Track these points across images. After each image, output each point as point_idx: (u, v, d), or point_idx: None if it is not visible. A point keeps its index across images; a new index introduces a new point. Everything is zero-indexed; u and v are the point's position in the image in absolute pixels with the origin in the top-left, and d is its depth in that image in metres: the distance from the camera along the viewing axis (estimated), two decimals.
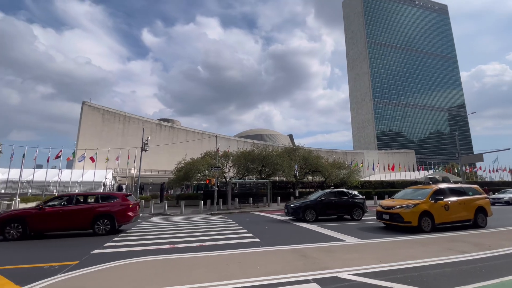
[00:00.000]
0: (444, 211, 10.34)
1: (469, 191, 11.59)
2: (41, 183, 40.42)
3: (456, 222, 10.77)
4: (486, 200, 11.53)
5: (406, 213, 10.04)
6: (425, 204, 10.19)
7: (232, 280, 4.85)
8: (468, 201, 11.03)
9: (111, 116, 69.17)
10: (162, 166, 56.41)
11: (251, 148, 30.68)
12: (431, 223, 10.10)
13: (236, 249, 7.55)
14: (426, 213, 10.09)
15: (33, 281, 4.90)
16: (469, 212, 10.91)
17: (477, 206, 11.07)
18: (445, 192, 10.85)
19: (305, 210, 13.77)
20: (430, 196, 10.47)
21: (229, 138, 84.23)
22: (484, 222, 11.09)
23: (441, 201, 10.38)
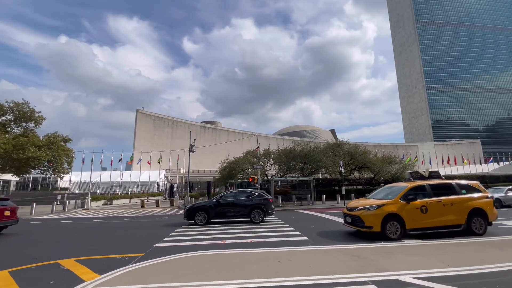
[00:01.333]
0: (420, 214, 8.32)
1: (462, 189, 9.12)
2: (107, 183, 46.19)
3: (439, 227, 8.50)
4: (487, 201, 9.00)
5: (367, 216, 8.35)
6: (393, 205, 8.35)
7: (285, 278, 4.87)
8: (457, 201, 8.69)
9: (161, 121, 75.27)
10: (207, 165, 59.43)
11: (291, 146, 30.33)
12: (400, 228, 8.21)
13: (285, 246, 7.56)
14: (394, 216, 8.23)
15: (109, 270, 5.60)
16: (459, 215, 8.57)
17: (472, 208, 8.65)
18: (425, 191, 8.82)
19: (195, 213, 12.63)
20: (401, 195, 8.57)
21: (269, 136, 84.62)
22: (482, 229, 8.62)
23: (416, 202, 8.40)
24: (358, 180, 32.37)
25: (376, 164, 29.53)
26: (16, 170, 27.74)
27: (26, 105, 29.19)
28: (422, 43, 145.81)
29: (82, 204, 26.20)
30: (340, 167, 25.11)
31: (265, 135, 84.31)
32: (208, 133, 78.62)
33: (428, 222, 8.41)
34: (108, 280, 4.97)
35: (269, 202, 13.45)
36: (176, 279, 4.92)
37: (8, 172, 29.18)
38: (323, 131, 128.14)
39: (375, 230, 8.20)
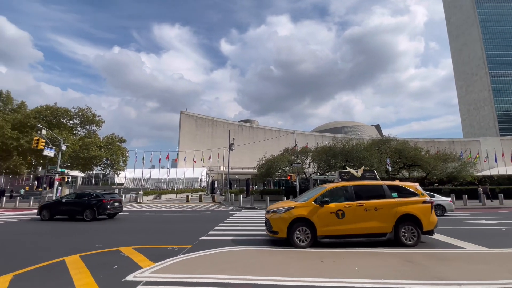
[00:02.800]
0: (335, 220, 7.26)
1: (393, 191, 7.73)
2: (156, 179, 50.28)
3: (358, 235, 7.38)
4: (423, 206, 7.54)
5: (274, 220, 7.49)
6: (303, 209, 7.39)
7: (329, 278, 4.75)
8: (383, 205, 7.41)
9: (202, 121, 79.06)
10: (245, 163, 60.66)
11: (331, 143, 29.21)
12: (311, 235, 7.22)
13: (326, 247, 7.35)
14: (303, 220, 7.28)
15: (162, 259, 6.12)
16: (385, 222, 7.34)
17: (402, 214, 7.37)
18: (347, 193, 7.66)
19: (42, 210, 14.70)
20: (315, 197, 7.56)
21: (306, 133, 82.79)
22: (414, 239, 7.31)
23: (330, 205, 7.35)
24: (407, 179, 29.80)
25: (429, 162, 26.80)
26: (82, 167, 31.86)
27: (89, 110, 33.36)
28: (484, 24, 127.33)
29: (136, 198, 29.03)
30: (387, 165, 23.42)
31: (303, 132, 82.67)
32: (246, 132, 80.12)
33: (344, 228, 7.26)
34: (161, 268, 5.44)
35: (102, 203, 14.05)
36: (222, 271, 5.16)
37: (76, 169, 33.68)
38: (366, 126, 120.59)
39: (281, 236, 7.31)
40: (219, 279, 4.73)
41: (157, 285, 4.47)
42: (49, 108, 32.01)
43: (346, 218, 7.21)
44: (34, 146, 22.58)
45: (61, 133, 28.93)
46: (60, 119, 32.23)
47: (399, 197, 7.55)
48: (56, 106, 32.43)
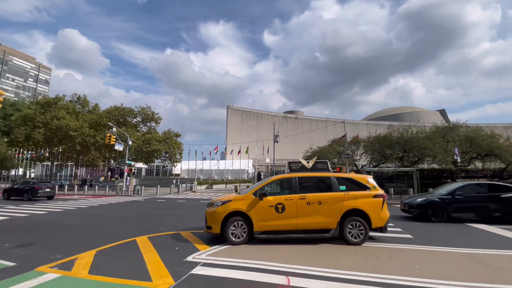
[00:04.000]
0: (274, 214, 6.69)
1: (342, 184, 7.07)
2: (207, 171, 53.85)
3: (299, 231, 6.75)
4: (373, 200, 6.91)
5: (209, 214, 6.93)
6: (241, 202, 6.80)
7: (385, 275, 4.49)
8: (328, 199, 6.81)
9: (247, 115, 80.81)
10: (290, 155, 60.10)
11: (387, 131, 26.82)
12: (248, 230, 6.63)
13: (383, 242, 6.91)
14: (240, 214, 6.70)
15: (217, 243, 6.61)
16: (330, 217, 6.73)
17: (349, 209, 6.76)
18: (292, 185, 7.03)
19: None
20: (256, 189, 6.94)
21: (357, 122, 77.77)
22: (360, 236, 6.66)
23: (269, 198, 6.75)
24: (481, 171, 25.69)
25: (509, 151, 22.61)
26: (145, 160, 35.81)
27: (149, 109, 37.13)
28: None
29: (190, 187, 31.61)
30: (455, 155, 20.54)
31: (353, 121, 77.81)
32: (290, 123, 79.10)
33: (284, 224, 6.65)
34: (217, 252, 5.88)
35: (34, 189, 18.61)
36: (272, 259, 5.32)
37: (140, 162, 38.03)
38: (428, 112, 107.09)
39: (214, 231, 6.72)
40: (271, 266, 4.89)
41: (213, 267, 4.85)
42: (117, 108, 36.68)
43: (286, 212, 6.62)
44: (107, 141, 26.25)
45: (127, 130, 32.95)
46: (126, 117, 36.66)
47: (348, 190, 6.92)
48: (122, 106, 36.98)
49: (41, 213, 12.75)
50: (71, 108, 35.19)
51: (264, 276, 4.43)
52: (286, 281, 4.21)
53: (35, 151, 37.99)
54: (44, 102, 35.07)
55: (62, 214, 12.44)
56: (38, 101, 37.79)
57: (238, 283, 4.15)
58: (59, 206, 15.57)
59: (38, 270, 4.72)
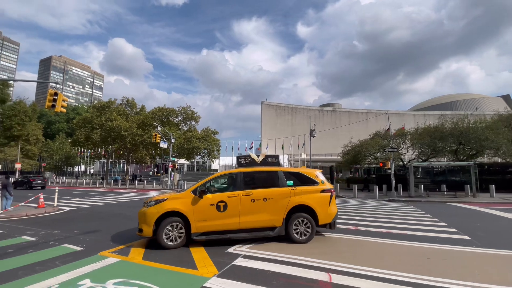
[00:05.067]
0: (215, 213, 6.07)
1: (290, 179, 6.54)
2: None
3: (243, 230, 6.12)
4: (320, 196, 6.45)
5: (141, 215, 6.13)
6: (178, 201, 6.11)
7: (440, 278, 4.13)
8: (274, 195, 6.26)
9: (281, 110, 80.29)
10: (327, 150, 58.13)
11: (438, 122, 24.29)
12: (186, 232, 5.95)
13: (434, 243, 6.33)
14: (177, 215, 6.00)
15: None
16: (275, 214, 6.17)
17: (295, 205, 6.24)
18: (237, 181, 6.44)
19: None
20: (196, 187, 6.32)
21: (402, 113, 71.97)
22: (307, 234, 6.20)
23: (208, 196, 6.13)
24: None
25: None
26: (187, 156, 37.99)
27: (188, 108, 39.26)
28: None
29: None
30: None
31: (397, 112, 72.04)
32: (327, 116, 76.26)
33: (225, 223, 6.05)
34: (256, 245, 6.03)
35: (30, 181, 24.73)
36: (312, 255, 5.26)
37: (182, 158, 40.43)
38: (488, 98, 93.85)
39: (146, 234, 5.94)
40: (310, 262, 4.84)
41: (253, 260, 4.98)
42: (160, 109, 39.49)
43: (228, 210, 6.06)
44: (153, 140, 28.43)
45: (170, 128, 35.26)
46: (169, 117, 39.29)
47: (296, 186, 6.49)
48: (165, 107, 39.68)
49: (100, 204, 14.42)
50: (121, 111, 38.85)
51: (304, 271, 4.41)
52: (328, 278, 4.13)
53: (93, 149, 42.97)
54: (99, 106, 39.31)
55: (118, 206, 13.90)
56: (94, 105, 42.52)
57: (279, 276, 4.20)
58: (115, 199, 17.42)
59: (101, 254, 5.37)
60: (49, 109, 10.53)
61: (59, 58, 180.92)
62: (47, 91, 13.21)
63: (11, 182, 12.15)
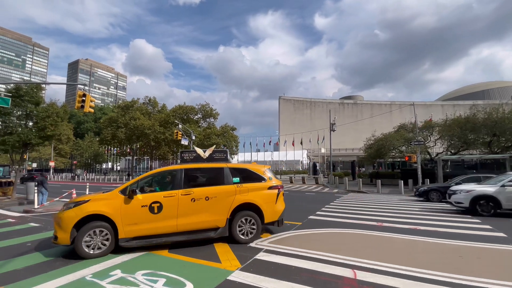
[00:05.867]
0: (148, 215, 5.29)
1: (236, 175, 6.12)
2: (261, 162, 55.13)
3: (181, 233, 5.50)
4: (267, 193, 6.19)
5: (57, 219, 5.21)
6: (103, 202, 5.25)
7: (473, 277, 3.89)
8: (217, 193, 5.79)
9: (299, 104, 79.10)
10: (348, 144, 56.58)
11: (469, 112, 22.71)
12: (112, 238, 5.11)
13: (467, 241, 5.97)
14: (102, 218, 5.11)
15: (277, 232, 6.77)
16: (218, 214, 5.72)
17: (240, 203, 5.89)
18: (175, 178, 5.78)
19: None
20: (125, 186, 5.48)
21: (429, 104, 68.26)
22: (252, 233, 5.90)
23: (138, 197, 5.34)
24: None
25: None
26: None
27: (207, 105, 39.97)
28: None
29: None
30: None
31: (423, 103, 68.31)
32: (348, 110, 74.03)
33: (161, 226, 5.39)
34: (278, 240, 6.05)
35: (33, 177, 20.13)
36: (335, 251, 5.17)
37: None
38: None
39: (62, 242, 5.02)
40: (334, 258, 4.76)
41: (276, 254, 4.99)
42: (181, 107, 40.52)
43: (164, 212, 5.42)
44: (175, 137, 29.26)
45: (190, 126, 36.11)
46: (189, 115, 40.24)
47: (242, 183, 6.10)
48: (185, 105, 40.64)
49: None
50: (144, 110, 40.33)
51: (328, 267, 4.35)
52: (352, 275, 4.04)
53: (119, 147, 45.13)
54: (123, 106, 41.06)
55: None
56: (119, 105, 44.48)
57: (301, 272, 4.17)
58: None
59: None
60: (78, 109, 11.15)
61: (86, 61, 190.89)
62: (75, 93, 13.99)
63: (46, 179, 13.08)
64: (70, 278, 4.02)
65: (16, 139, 14.47)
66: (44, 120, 15.57)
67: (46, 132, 15.79)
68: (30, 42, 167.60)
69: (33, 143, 15.80)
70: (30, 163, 57.53)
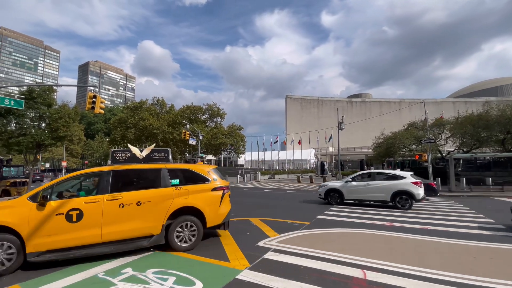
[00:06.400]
0: (65, 225, 4.56)
1: (176, 177, 5.53)
2: (269, 161, 55.04)
3: (104, 244, 4.81)
4: (211, 195, 5.71)
5: None
6: (6, 211, 4.43)
7: (487, 278, 3.81)
8: (152, 198, 5.17)
9: (307, 103, 78.61)
10: (357, 143, 55.93)
11: (482, 109, 22.11)
12: (20, 253, 4.31)
13: (480, 241, 5.82)
14: (6, 230, 4.29)
15: (285, 231, 6.74)
16: (151, 220, 5.10)
17: (179, 208, 5.32)
18: (102, 182, 5.08)
19: None
20: (37, 191, 4.66)
21: (440, 101, 66.76)
22: (192, 239, 5.39)
23: (51, 203, 4.57)
24: None
25: None
26: (214, 152, 39.05)
27: (214, 105, 40.23)
28: None
29: (254, 177, 32.96)
30: None
31: (434, 100, 66.90)
32: (356, 108, 73.11)
33: (80, 237, 4.66)
34: (286, 239, 6.02)
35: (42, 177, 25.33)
36: (345, 251, 5.13)
37: (210, 154, 41.63)
38: None
39: None
40: (343, 258, 4.73)
41: (284, 254, 4.98)
42: (188, 107, 40.89)
43: (85, 220, 4.70)
44: (183, 137, 29.56)
45: (198, 126, 36.42)
46: (196, 115, 40.59)
47: (182, 185, 5.52)
48: (192, 105, 41.00)
49: None
50: (152, 110, 40.91)
51: (337, 267, 4.32)
52: (362, 275, 4.00)
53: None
54: (132, 107, 41.75)
55: None
56: (128, 105, 45.26)
57: (310, 271, 4.16)
58: None
59: None
60: (89, 110, 11.40)
61: (95, 63, 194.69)
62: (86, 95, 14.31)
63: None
64: (83, 276, 4.13)
65: (30, 140, 14.91)
66: (57, 121, 15.99)
67: (59, 133, 16.20)
68: (42, 45, 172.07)
69: (46, 144, 16.25)
70: (43, 163, 59.17)
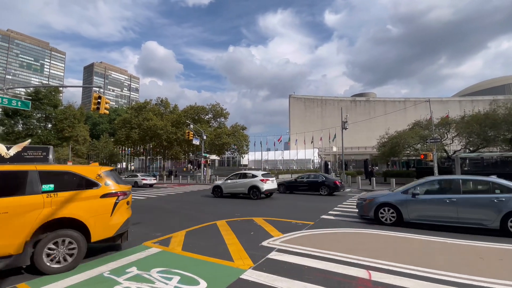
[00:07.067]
0: None
1: (52, 181, 4.45)
2: (272, 161, 54.99)
3: None
4: (98, 202, 4.70)
5: None
6: None
7: (495, 279, 3.75)
8: (8, 208, 3.99)
9: (310, 102, 78.35)
10: (361, 142, 55.48)
11: (488, 108, 21.79)
12: None
13: (488, 242, 5.74)
14: None
15: (288, 231, 6.72)
16: (9, 237, 3.92)
17: (51, 219, 4.24)
18: None
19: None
20: None
21: (445, 100, 65.98)
22: (68, 260, 4.34)
23: None
24: None
25: None
26: (217, 152, 39.08)
27: (218, 105, 40.30)
28: None
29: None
30: None
31: (439, 99, 66.12)
32: (360, 107, 72.53)
33: None
34: (290, 239, 6.00)
35: None
36: (350, 251, 5.09)
37: (213, 154, 41.71)
38: None
39: None
40: (348, 258, 4.70)
41: (288, 254, 4.97)
42: (192, 107, 41.03)
43: None
44: (186, 137, 29.70)
45: (201, 126, 36.51)
46: (200, 115, 40.70)
47: (58, 191, 4.48)
48: (196, 105, 41.14)
49: (141, 198, 15.49)
50: (156, 110, 41.14)
51: (341, 267, 4.29)
52: (367, 275, 3.97)
53: (133, 148, 46.26)
54: (136, 107, 42.05)
55: (157, 199, 14.81)
56: (132, 106, 45.62)
57: (314, 271, 4.14)
58: (154, 193, 18.59)
59: (144, 244, 5.78)
60: (94, 111, 11.51)
61: (100, 64, 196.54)
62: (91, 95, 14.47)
63: None
64: (89, 274, 4.17)
65: (37, 141, 15.12)
66: (62, 122, 16.21)
67: (64, 134, 16.42)
68: (48, 47, 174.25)
69: (52, 144, 16.45)
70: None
